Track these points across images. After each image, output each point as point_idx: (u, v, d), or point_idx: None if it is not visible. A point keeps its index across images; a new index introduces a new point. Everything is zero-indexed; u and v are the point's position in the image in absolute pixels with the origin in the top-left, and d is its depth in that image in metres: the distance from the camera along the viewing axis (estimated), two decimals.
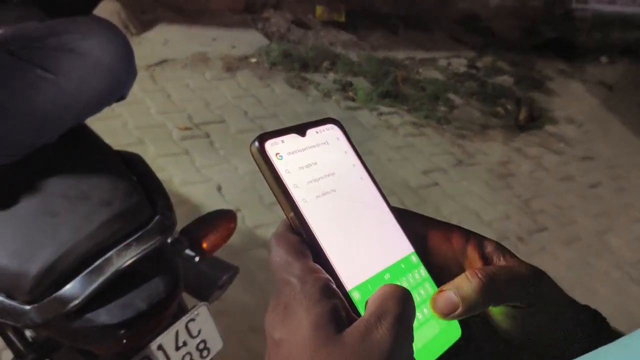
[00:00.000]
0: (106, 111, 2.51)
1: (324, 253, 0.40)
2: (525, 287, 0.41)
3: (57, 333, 1.02)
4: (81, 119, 1.18)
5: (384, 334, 0.35)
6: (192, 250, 1.19)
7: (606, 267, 2.68)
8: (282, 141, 0.41)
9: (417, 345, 0.39)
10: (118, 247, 0.97)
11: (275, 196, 0.40)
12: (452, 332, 0.42)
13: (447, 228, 0.44)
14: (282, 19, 4.27)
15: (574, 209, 3.02)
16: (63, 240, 0.98)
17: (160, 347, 1.17)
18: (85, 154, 1.15)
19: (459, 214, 2.81)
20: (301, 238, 0.40)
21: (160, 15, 3.78)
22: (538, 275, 0.42)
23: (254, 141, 0.40)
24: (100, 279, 0.95)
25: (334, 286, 0.38)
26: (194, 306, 1.23)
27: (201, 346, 1.26)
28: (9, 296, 0.98)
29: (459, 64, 4.49)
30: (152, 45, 3.48)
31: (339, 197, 0.42)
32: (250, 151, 0.40)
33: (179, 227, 1.27)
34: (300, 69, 3.75)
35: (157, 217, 1.03)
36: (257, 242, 2.32)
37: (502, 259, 0.43)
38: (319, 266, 0.38)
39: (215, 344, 1.29)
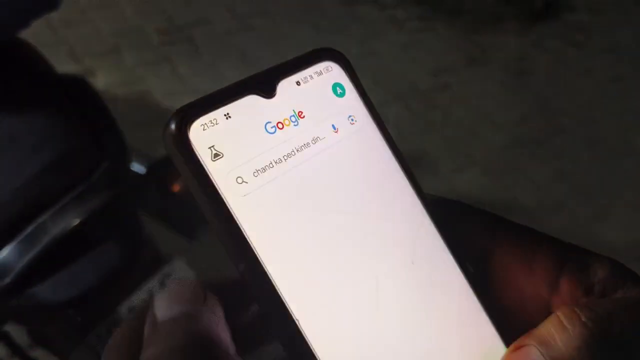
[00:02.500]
0: (77, 16, 2.22)
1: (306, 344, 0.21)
2: None
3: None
4: (6, 32, 0.92)
5: None
6: (159, 196, 0.97)
7: (630, 169, 2.48)
8: (227, 115, 0.21)
9: None
10: (53, 209, 0.75)
11: (216, 235, 0.21)
12: None
13: (529, 242, 0.25)
14: None
15: (595, 107, 2.78)
16: None
17: (132, 310, 0.99)
18: (14, 82, 0.91)
19: (472, 118, 2.58)
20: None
21: None
22: None
23: (168, 122, 0.21)
24: (34, 251, 0.74)
25: None
26: (170, 259, 1.04)
27: None
28: None
29: None
30: None
31: (340, 225, 0.22)
32: (163, 139, 0.21)
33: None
34: None
35: (104, 165, 0.81)
36: None
37: (621, 292, 0.24)
38: None
39: None
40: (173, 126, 0.21)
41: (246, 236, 0.21)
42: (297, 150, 0.23)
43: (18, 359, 1.05)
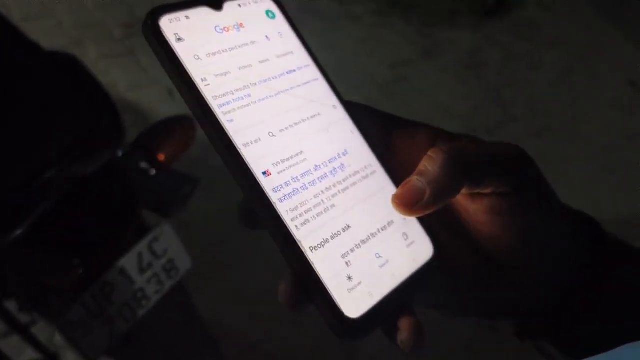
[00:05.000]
0: (37, 10, 2.22)
1: (256, 183, 0.30)
2: (507, 163, 0.33)
3: (1, 266, 0.87)
4: None
5: None
6: (147, 163, 1.03)
7: (577, 157, 2.63)
8: (187, 17, 0.31)
9: (378, 266, 0.32)
10: (59, 166, 0.80)
11: (180, 94, 0.30)
12: (422, 249, 0.34)
13: (412, 127, 0.36)
14: None
15: (545, 98, 2.93)
16: None
17: (122, 272, 1.03)
18: (10, 56, 0.94)
19: (429, 108, 2.68)
20: None
21: None
22: (522, 155, 0.34)
23: (146, 18, 0.30)
24: (43, 204, 0.79)
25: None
26: (157, 224, 1.09)
27: (168, 266, 1.13)
28: None
29: None
30: None
31: (271, 96, 0.32)
32: (142, 31, 0.31)
33: (130, 138, 1.11)
34: None
35: (102, 128, 0.86)
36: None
37: None
38: None
39: (184, 262, 1.16)
40: (150, 20, 0.30)
41: (200, 90, 0.30)
42: (239, 47, 0.32)
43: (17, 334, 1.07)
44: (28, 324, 1.13)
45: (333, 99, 0.35)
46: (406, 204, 0.32)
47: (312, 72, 0.35)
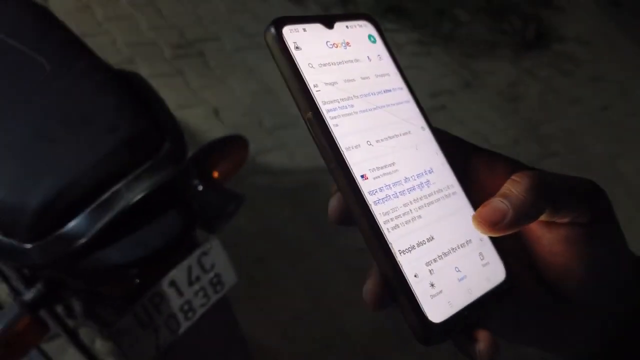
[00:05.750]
0: (93, 28, 2.31)
1: (355, 184, 0.33)
2: (585, 194, 0.34)
3: (62, 274, 0.93)
4: None
5: None
6: (201, 180, 1.08)
7: (617, 195, 2.62)
8: (304, 29, 0.35)
9: (457, 279, 0.34)
10: (128, 179, 0.86)
11: (293, 95, 0.34)
12: (496, 271, 0.36)
13: (492, 156, 0.38)
14: None
15: (585, 134, 2.93)
16: (65, 170, 0.86)
17: (172, 283, 1.08)
18: (83, 73, 1.01)
19: (468, 138, 2.69)
20: None
21: None
22: (597, 188, 0.36)
23: (269, 25, 0.34)
24: (109, 215, 0.84)
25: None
26: (206, 239, 1.14)
27: (215, 280, 1.18)
28: (6, 234, 0.87)
29: None
30: None
31: (370, 109, 0.36)
32: (265, 38, 0.34)
33: None
34: None
35: (167, 145, 0.91)
36: (258, 169, 2.22)
37: None
38: None
39: (229, 278, 1.21)
40: (273, 28, 0.34)
41: (313, 94, 0.34)
42: (345, 62, 0.36)
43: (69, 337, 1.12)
44: (74, 329, 1.18)
45: (422, 121, 0.38)
46: (488, 222, 0.33)
47: (405, 94, 0.38)
